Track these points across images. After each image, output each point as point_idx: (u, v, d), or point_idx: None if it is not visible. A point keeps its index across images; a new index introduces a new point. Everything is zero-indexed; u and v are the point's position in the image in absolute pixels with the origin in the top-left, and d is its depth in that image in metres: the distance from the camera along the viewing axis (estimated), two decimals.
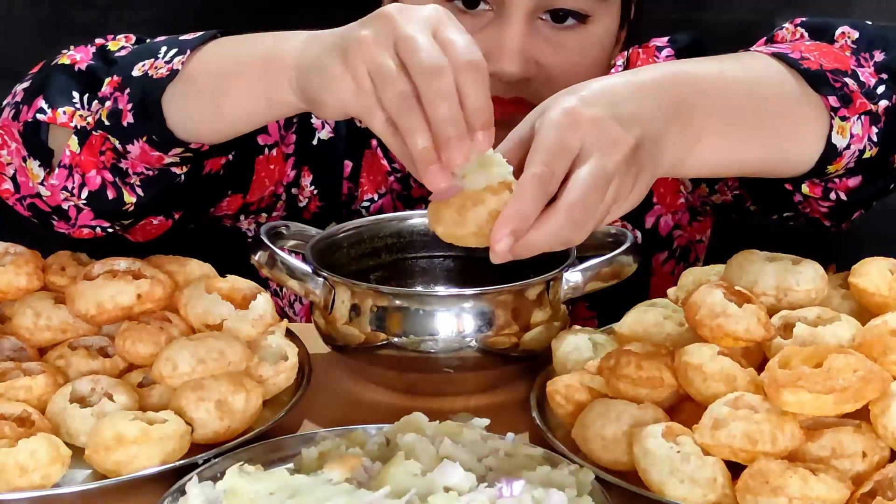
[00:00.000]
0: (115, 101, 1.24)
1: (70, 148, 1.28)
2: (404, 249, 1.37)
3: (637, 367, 1.10)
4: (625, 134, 1.00)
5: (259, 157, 1.48)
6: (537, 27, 1.36)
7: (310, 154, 1.53)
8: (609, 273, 1.25)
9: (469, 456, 1.03)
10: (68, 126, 1.28)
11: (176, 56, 1.22)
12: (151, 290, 1.21)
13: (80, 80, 1.29)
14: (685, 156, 1.09)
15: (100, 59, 1.30)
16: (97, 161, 1.28)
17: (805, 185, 1.25)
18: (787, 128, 1.17)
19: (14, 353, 1.22)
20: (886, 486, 1.00)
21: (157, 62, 1.23)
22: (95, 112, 1.26)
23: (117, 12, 1.89)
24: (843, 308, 1.20)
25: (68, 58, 1.31)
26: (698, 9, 1.85)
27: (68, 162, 1.29)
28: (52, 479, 1.06)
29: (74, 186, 1.29)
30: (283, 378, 1.21)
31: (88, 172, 1.29)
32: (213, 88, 1.20)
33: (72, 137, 1.28)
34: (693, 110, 1.09)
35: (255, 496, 0.99)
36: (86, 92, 1.28)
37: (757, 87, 1.16)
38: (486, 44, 1.35)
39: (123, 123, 1.23)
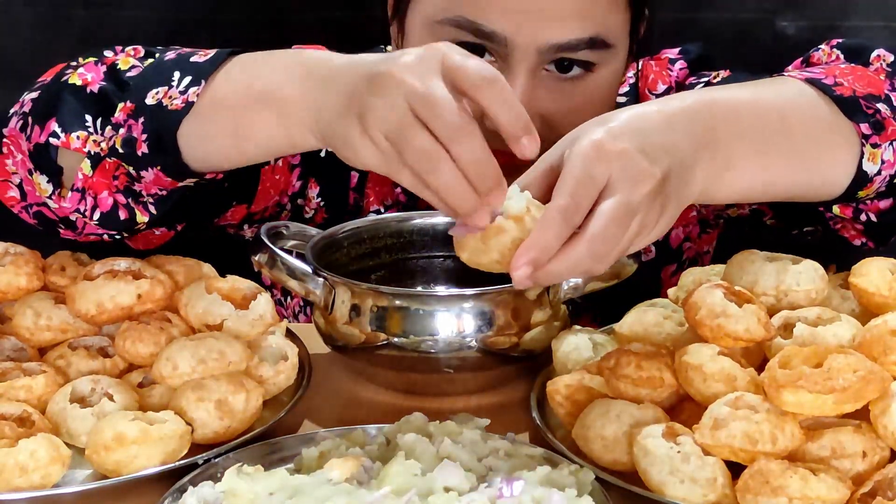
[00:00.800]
0: (130, 129, 1.21)
1: (83, 171, 1.26)
2: (404, 249, 1.37)
3: (637, 367, 1.10)
4: (651, 167, 1.00)
5: (265, 167, 1.46)
6: (541, 79, 1.34)
7: (317, 166, 1.52)
8: (609, 273, 1.25)
9: (469, 456, 1.03)
10: (81, 151, 1.25)
11: (191, 86, 1.19)
12: (151, 290, 1.21)
13: (92, 103, 1.26)
14: (714, 183, 1.09)
15: (111, 81, 1.27)
16: (110, 184, 1.26)
17: (836, 207, 1.25)
18: (818, 154, 1.18)
19: (14, 353, 1.22)
20: (886, 486, 1.00)
21: (172, 91, 1.20)
22: (109, 138, 1.23)
23: (117, 11, 1.89)
24: (843, 308, 1.20)
25: (79, 77, 1.28)
26: (699, 9, 1.85)
27: (81, 185, 1.26)
28: (52, 479, 1.06)
29: (87, 208, 1.28)
30: (283, 378, 1.21)
31: (101, 194, 1.27)
32: (232, 127, 1.18)
33: (84, 161, 1.26)
34: (724, 137, 1.10)
35: (254, 497, 0.99)
36: (99, 116, 1.25)
37: (789, 113, 1.17)
38: None
39: (138, 153, 1.21)
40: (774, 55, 1.83)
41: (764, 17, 1.82)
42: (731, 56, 1.85)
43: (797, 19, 1.82)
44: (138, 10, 1.87)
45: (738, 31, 1.85)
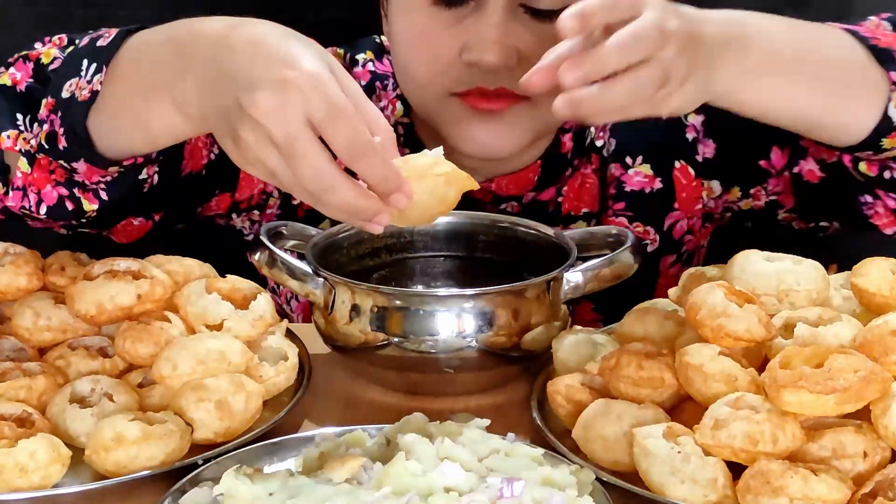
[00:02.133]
0: (52, 124, 1.24)
1: (21, 169, 1.28)
2: (404, 249, 1.37)
3: (637, 368, 1.10)
4: (682, 23, 1.07)
5: None
6: (517, 16, 1.36)
7: None
8: (610, 273, 1.25)
9: (469, 456, 1.03)
10: (13, 150, 1.28)
11: (95, 74, 1.22)
12: (151, 290, 1.21)
13: (20, 102, 1.29)
14: (739, 82, 1.15)
15: (36, 77, 1.29)
16: (49, 178, 1.28)
17: (863, 164, 1.28)
18: (846, 88, 1.22)
19: (14, 354, 1.22)
20: (887, 486, 1.00)
21: (81, 81, 1.23)
22: (36, 135, 1.26)
23: (117, 10, 1.89)
24: (844, 308, 1.20)
25: (9, 77, 1.30)
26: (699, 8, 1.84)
27: (21, 183, 1.29)
28: (51, 479, 1.06)
29: (31, 205, 1.30)
30: (283, 378, 1.21)
31: (44, 189, 1.29)
32: (134, 116, 1.20)
33: (21, 159, 1.28)
34: (756, 45, 1.15)
35: (253, 498, 0.99)
36: (27, 114, 1.28)
37: (823, 45, 1.23)
38: (467, 34, 1.36)
39: (59, 147, 1.24)
40: None
41: None
42: None
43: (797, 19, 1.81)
44: (138, 10, 1.87)
45: None
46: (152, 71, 1.19)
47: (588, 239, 1.34)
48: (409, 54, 1.41)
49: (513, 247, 1.35)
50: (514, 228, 1.36)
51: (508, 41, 1.35)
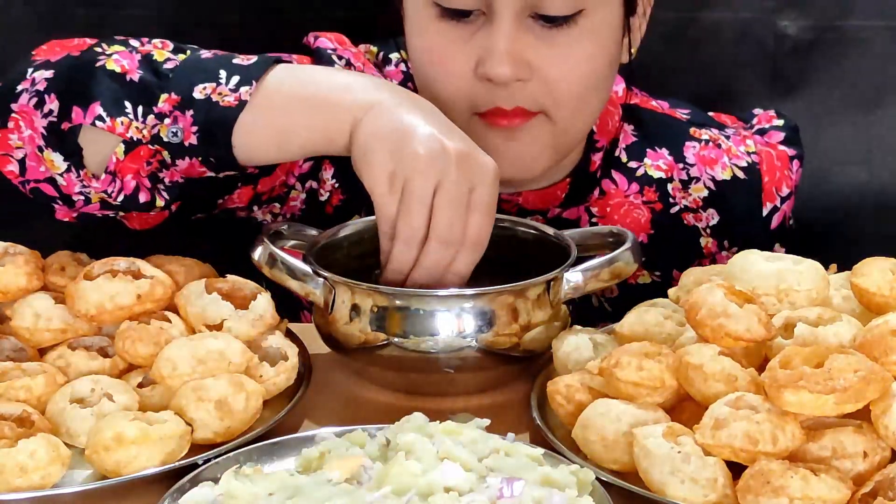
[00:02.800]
0: (176, 120, 1.26)
1: (116, 155, 1.29)
2: None
3: (637, 368, 1.10)
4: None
5: None
6: (528, 26, 1.35)
7: None
8: (609, 273, 1.25)
9: (469, 456, 1.03)
10: (125, 136, 1.28)
11: (241, 85, 1.26)
12: (151, 290, 1.21)
13: (133, 91, 1.28)
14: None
15: (150, 72, 1.30)
16: (140, 168, 1.29)
17: None
18: None
19: (14, 353, 1.22)
20: (887, 486, 1.00)
21: (221, 88, 1.26)
22: (152, 126, 1.27)
23: (117, 11, 1.88)
24: (844, 308, 1.19)
25: (116, 63, 1.29)
26: (699, 7, 1.85)
27: (112, 168, 1.29)
28: (51, 479, 1.06)
29: (114, 190, 1.30)
30: (283, 378, 1.21)
31: (125, 177, 1.30)
32: (279, 127, 1.26)
33: (119, 145, 1.28)
34: None
35: (253, 498, 0.99)
36: (139, 104, 1.28)
37: None
38: (478, 48, 1.36)
39: (185, 143, 1.26)
40: (775, 55, 1.83)
41: (764, 17, 1.82)
42: (733, 56, 1.85)
43: (798, 19, 1.81)
44: (138, 10, 1.87)
45: (739, 30, 1.84)
46: (310, 85, 1.28)
47: (588, 239, 1.34)
48: (428, 74, 1.41)
49: (513, 247, 1.35)
50: (513, 228, 1.36)
51: (519, 51, 1.34)
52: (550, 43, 1.36)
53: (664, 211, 1.54)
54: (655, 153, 1.54)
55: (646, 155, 1.54)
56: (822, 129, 1.83)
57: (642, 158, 1.54)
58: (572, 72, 1.37)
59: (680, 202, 1.54)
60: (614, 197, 1.53)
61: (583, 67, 1.38)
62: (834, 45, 1.82)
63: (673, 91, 1.68)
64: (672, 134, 1.56)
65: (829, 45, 1.82)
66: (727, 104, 1.74)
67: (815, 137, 1.78)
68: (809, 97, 1.84)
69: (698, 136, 1.56)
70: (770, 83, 1.84)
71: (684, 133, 1.56)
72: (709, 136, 1.57)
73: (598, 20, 1.37)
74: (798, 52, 1.83)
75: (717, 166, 1.54)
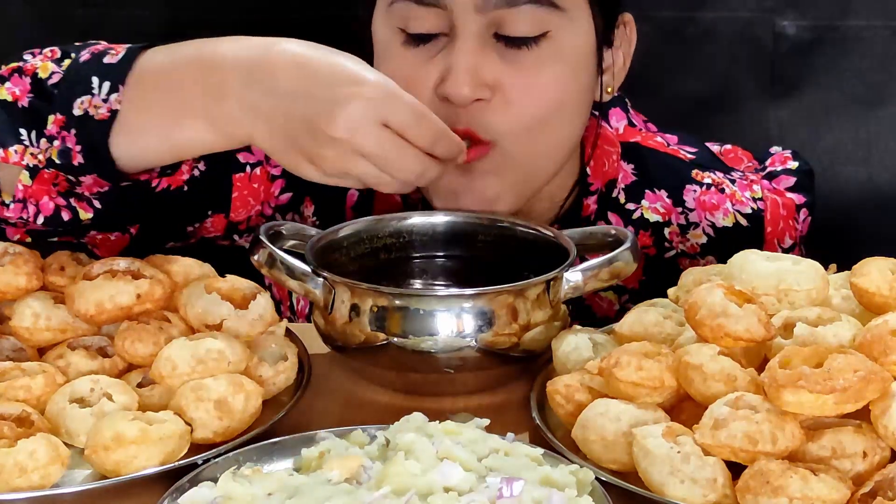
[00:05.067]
0: (63, 141, 1.26)
1: (22, 182, 1.30)
2: (404, 249, 1.37)
3: (637, 367, 1.10)
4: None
5: (238, 174, 1.47)
6: (491, 46, 1.34)
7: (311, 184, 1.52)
8: (609, 273, 1.25)
9: (469, 456, 1.03)
10: (21, 164, 1.29)
11: (111, 93, 1.25)
12: (151, 290, 1.21)
13: (24, 117, 1.30)
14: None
15: (37, 94, 1.30)
16: (50, 190, 1.31)
17: None
18: None
19: (13, 353, 1.22)
20: (887, 486, 1.00)
21: (95, 99, 1.26)
22: (45, 150, 1.28)
23: (116, 10, 1.89)
24: (843, 308, 1.20)
25: (7, 92, 1.31)
26: (699, 7, 1.85)
27: (21, 195, 1.31)
28: (51, 479, 1.05)
29: (30, 215, 1.32)
30: (283, 378, 1.21)
31: (41, 200, 1.31)
32: (164, 134, 1.26)
33: (23, 172, 1.30)
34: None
35: (252, 498, 0.99)
36: (32, 129, 1.29)
37: None
38: (440, 67, 1.34)
39: (74, 163, 1.27)
40: (774, 55, 1.83)
41: (764, 17, 1.82)
42: (731, 55, 1.85)
43: (797, 19, 1.81)
44: (138, 10, 1.87)
45: (738, 30, 1.85)
46: (179, 94, 1.24)
47: (587, 239, 1.34)
48: None
49: (513, 247, 1.35)
50: (513, 228, 1.36)
51: (480, 70, 1.33)
52: (514, 64, 1.34)
53: (658, 256, 1.51)
54: (654, 195, 1.51)
55: (644, 196, 1.51)
56: (822, 129, 1.84)
57: (640, 200, 1.51)
58: (535, 94, 1.35)
59: (677, 246, 1.51)
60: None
61: (547, 90, 1.35)
62: (834, 45, 1.82)
63: (672, 91, 1.68)
64: (673, 176, 1.52)
65: (828, 45, 1.82)
66: (726, 104, 1.74)
67: (815, 137, 1.78)
68: (809, 97, 1.84)
69: (700, 178, 1.52)
70: (769, 83, 1.84)
71: (686, 175, 1.52)
72: (712, 179, 1.52)
73: (564, 44, 1.35)
74: (798, 52, 1.83)
75: (718, 213, 1.50)
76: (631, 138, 1.54)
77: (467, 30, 1.32)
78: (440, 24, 1.34)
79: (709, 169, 1.54)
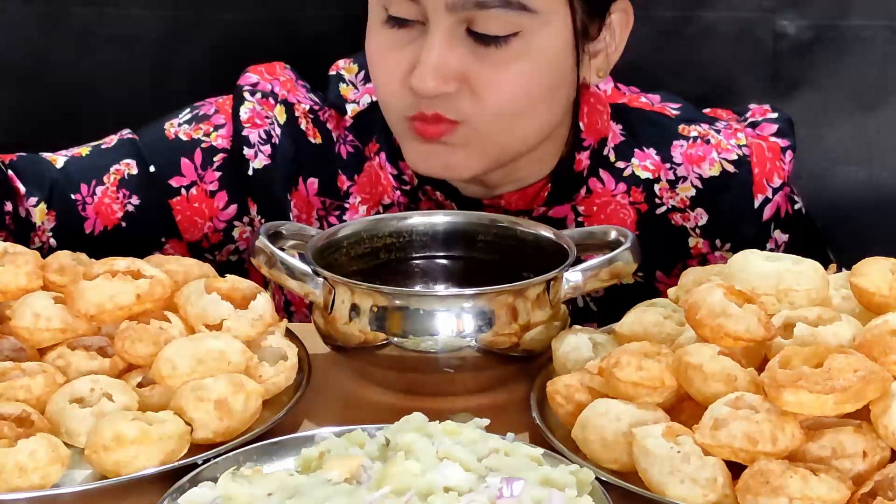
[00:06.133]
0: None
1: None
2: (404, 249, 1.37)
3: (637, 367, 1.10)
4: None
5: (175, 198, 1.51)
6: (461, 40, 1.35)
7: (248, 185, 1.53)
8: (609, 273, 1.25)
9: (469, 456, 1.03)
10: None
11: None
12: (151, 290, 1.21)
13: None
14: None
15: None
16: None
17: None
18: None
19: (13, 353, 1.22)
20: (887, 486, 1.00)
21: None
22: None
23: (116, 10, 1.89)
24: (843, 308, 1.19)
25: None
26: (698, 7, 1.85)
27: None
28: (51, 479, 1.05)
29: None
30: (283, 378, 1.21)
31: None
32: None
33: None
34: None
35: (252, 498, 0.99)
36: None
37: None
38: (410, 57, 1.36)
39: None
40: (774, 54, 1.83)
41: (764, 16, 1.82)
42: (731, 55, 1.85)
43: (797, 18, 1.81)
44: (138, 9, 1.87)
45: (738, 29, 1.85)
46: None
47: (588, 239, 1.34)
48: (373, 73, 1.43)
49: (512, 247, 1.35)
50: (513, 228, 1.36)
51: (449, 66, 1.34)
52: (483, 59, 1.35)
53: (650, 212, 1.54)
54: (643, 153, 1.54)
55: (633, 155, 1.54)
56: (822, 129, 1.84)
57: (630, 158, 1.54)
58: (502, 90, 1.36)
59: (667, 202, 1.54)
60: (601, 196, 1.53)
61: (514, 86, 1.37)
62: (834, 45, 1.82)
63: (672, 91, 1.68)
64: (660, 133, 1.55)
65: (828, 45, 1.82)
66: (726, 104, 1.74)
67: (815, 137, 1.78)
68: (809, 97, 1.84)
69: (686, 133, 1.55)
70: (770, 83, 1.84)
71: (672, 132, 1.55)
72: (698, 132, 1.55)
73: (535, 43, 1.36)
74: (798, 51, 1.83)
75: (704, 163, 1.53)
76: (618, 100, 1.57)
77: (439, 25, 1.34)
78: (416, 13, 1.36)
79: (694, 122, 1.56)
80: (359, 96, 1.55)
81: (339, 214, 1.55)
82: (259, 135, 1.51)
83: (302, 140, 1.54)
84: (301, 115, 1.54)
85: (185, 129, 1.53)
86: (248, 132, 1.51)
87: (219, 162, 1.52)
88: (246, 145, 1.51)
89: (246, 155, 1.52)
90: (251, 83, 1.54)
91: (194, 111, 1.55)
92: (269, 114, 1.52)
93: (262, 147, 1.51)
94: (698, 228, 1.54)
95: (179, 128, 1.53)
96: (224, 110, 1.53)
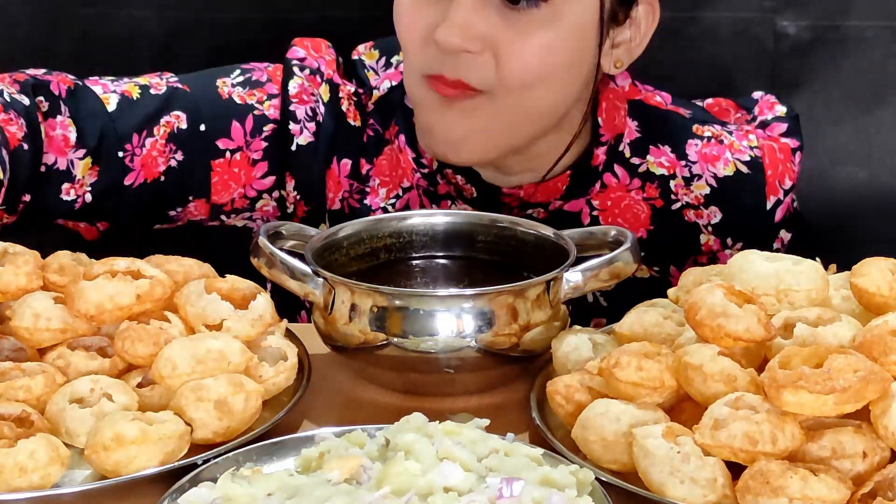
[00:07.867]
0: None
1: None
2: (404, 249, 1.37)
3: (637, 368, 1.10)
4: None
5: (218, 160, 1.50)
6: (491, 2, 1.36)
7: (289, 160, 1.53)
8: (609, 273, 1.25)
9: (469, 456, 1.03)
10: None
11: None
12: (151, 290, 1.21)
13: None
14: None
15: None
16: None
17: None
18: None
19: (13, 353, 1.22)
20: (887, 486, 1.00)
21: None
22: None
23: (116, 10, 1.88)
24: (843, 308, 1.19)
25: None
26: (698, 7, 1.85)
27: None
28: (51, 479, 1.06)
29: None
30: (283, 378, 1.21)
31: None
32: None
33: None
34: None
35: (251, 499, 0.99)
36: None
37: None
38: (438, 13, 1.37)
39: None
40: (774, 55, 1.83)
41: (764, 17, 1.82)
42: (731, 55, 1.85)
43: (798, 18, 1.81)
44: (138, 10, 1.87)
45: (738, 30, 1.84)
46: None
47: (588, 239, 1.34)
48: (399, 28, 1.43)
49: (512, 247, 1.35)
50: (513, 228, 1.36)
51: (475, 25, 1.35)
52: (510, 22, 1.36)
53: (665, 207, 1.55)
54: (658, 150, 1.55)
55: (648, 152, 1.55)
56: (822, 129, 1.83)
57: (645, 155, 1.55)
58: (524, 55, 1.37)
59: (682, 199, 1.55)
60: (616, 190, 1.53)
61: (536, 53, 1.38)
62: (834, 45, 1.82)
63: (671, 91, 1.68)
64: (675, 131, 1.57)
65: (828, 45, 1.82)
66: None
67: (815, 137, 1.78)
68: (809, 97, 1.84)
69: (701, 133, 1.57)
70: (770, 83, 1.84)
71: (688, 131, 1.57)
72: (711, 132, 1.57)
73: (564, 12, 1.37)
74: (798, 51, 1.83)
75: (719, 163, 1.55)
76: (636, 96, 1.57)
77: None
78: None
79: (707, 123, 1.58)
80: (379, 82, 1.56)
81: (360, 198, 1.55)
82: (305, 111, 1.51)
83: (342, 121, 1.54)
84: (345, 96, 1.54)
85: (239, 91, 1.51)
86: (294, 107, 1.51)
87: (268, 132, 1.52)
88: (292, 120, 1.51)
89: (291, 130, 1.52)
90: (299, 57, 1.54)
91: (246, 75, 1.53)
92: (314, 91, 1.52)
93: (307, 124, 1.51)
94: (711, 226, 1.55)
95: (233, 89, 1.51)
96: (276, 80, 1.53)
